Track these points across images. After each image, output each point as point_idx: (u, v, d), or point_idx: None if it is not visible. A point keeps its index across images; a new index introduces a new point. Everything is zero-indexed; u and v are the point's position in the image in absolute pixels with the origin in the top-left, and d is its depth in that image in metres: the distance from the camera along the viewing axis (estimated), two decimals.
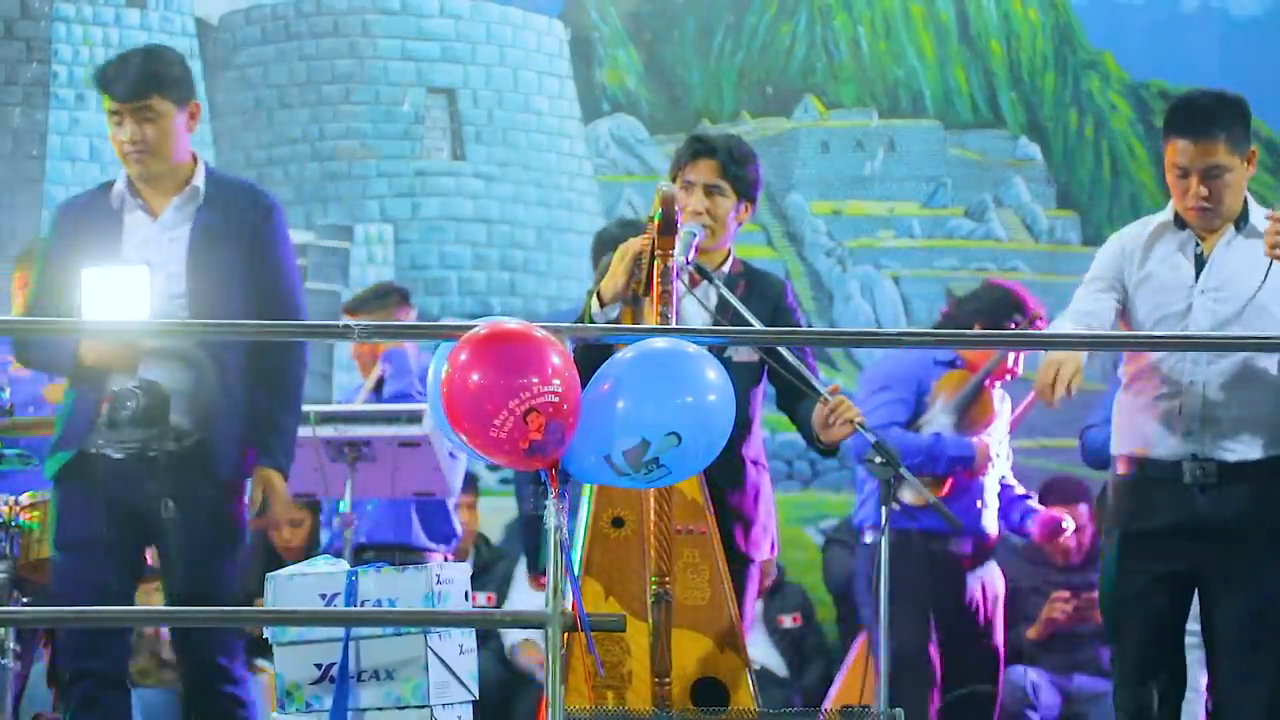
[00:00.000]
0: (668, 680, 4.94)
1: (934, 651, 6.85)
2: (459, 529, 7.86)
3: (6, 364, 6.80)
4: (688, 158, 5.61)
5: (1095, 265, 5.64)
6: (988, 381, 6.89)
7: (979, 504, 6.91)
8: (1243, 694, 5.38)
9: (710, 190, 5.56)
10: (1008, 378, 6.98)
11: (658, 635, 4.94)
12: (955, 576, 6.90)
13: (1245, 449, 5.40)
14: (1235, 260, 5.44)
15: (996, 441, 6.98)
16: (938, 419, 6.84)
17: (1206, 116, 5.46)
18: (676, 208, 4.99)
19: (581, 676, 4.92)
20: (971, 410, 6.86)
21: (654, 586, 4.94)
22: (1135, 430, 5.51)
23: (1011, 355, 6.87)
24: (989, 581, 7.01)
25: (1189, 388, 5.40)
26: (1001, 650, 7.06)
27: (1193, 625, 5.56)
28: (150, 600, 7.81)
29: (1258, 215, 5.54)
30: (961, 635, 6.94)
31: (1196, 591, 5.49)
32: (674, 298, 4.98)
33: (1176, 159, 5.46)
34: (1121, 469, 5.55)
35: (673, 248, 4.97)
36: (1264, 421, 5.41)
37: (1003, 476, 7.11)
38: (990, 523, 6.97)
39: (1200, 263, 5.47)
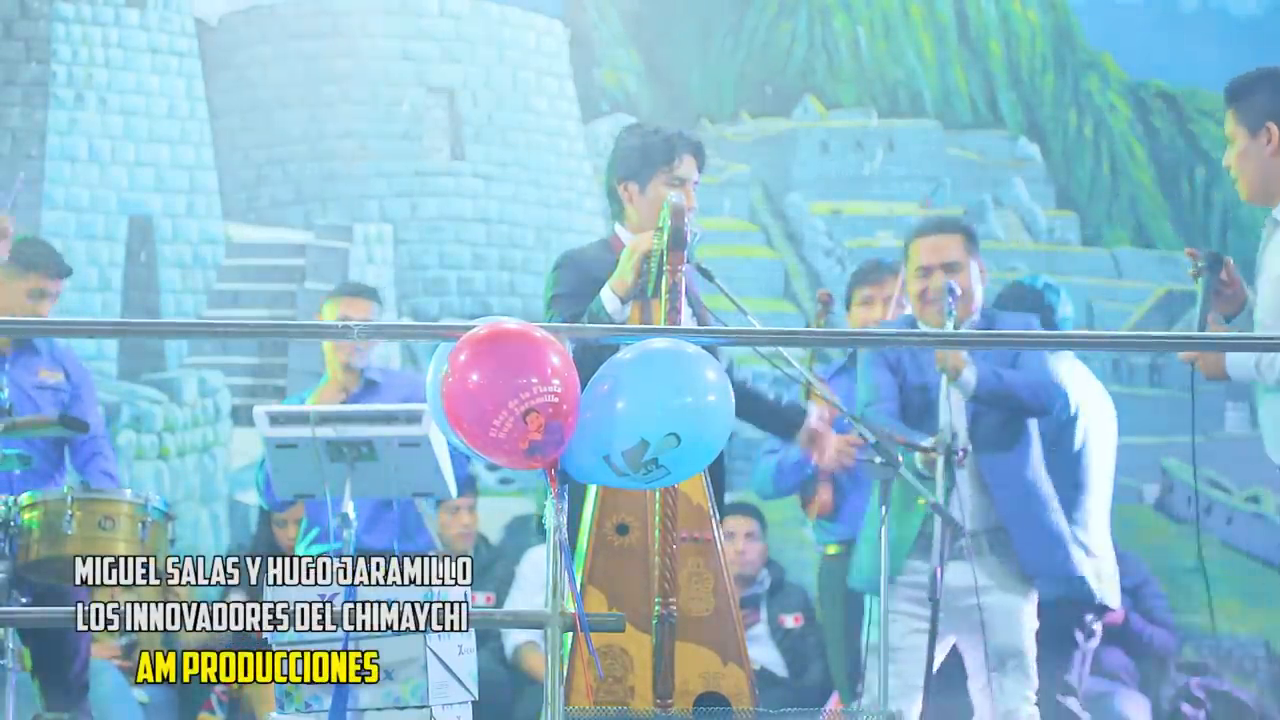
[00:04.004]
0: (670, 702, 4.92)
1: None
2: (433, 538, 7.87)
3: (6, 364, 6.80)
4: (679, 153, 5.55)
5: None
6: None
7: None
8: None
9: (694, 185, 5.55)
10: None
11: (660, 656, 4.92)
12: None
13: None
14: None
15: None
16: None
17: None
18: (686, 220, 4.92)
19: (583, 690, 4.90)
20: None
21: (658, 608, 4.92)
22: None
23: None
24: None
25: None
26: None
27: None
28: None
29: None
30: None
31: None
32: (679, 314, 4.93)
33: None
34: None
35: (682, 262, 4.89)
36: None
37: None
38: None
39: None
